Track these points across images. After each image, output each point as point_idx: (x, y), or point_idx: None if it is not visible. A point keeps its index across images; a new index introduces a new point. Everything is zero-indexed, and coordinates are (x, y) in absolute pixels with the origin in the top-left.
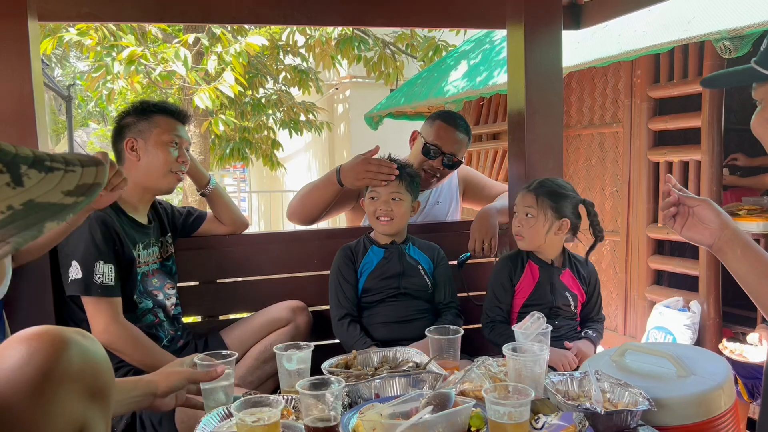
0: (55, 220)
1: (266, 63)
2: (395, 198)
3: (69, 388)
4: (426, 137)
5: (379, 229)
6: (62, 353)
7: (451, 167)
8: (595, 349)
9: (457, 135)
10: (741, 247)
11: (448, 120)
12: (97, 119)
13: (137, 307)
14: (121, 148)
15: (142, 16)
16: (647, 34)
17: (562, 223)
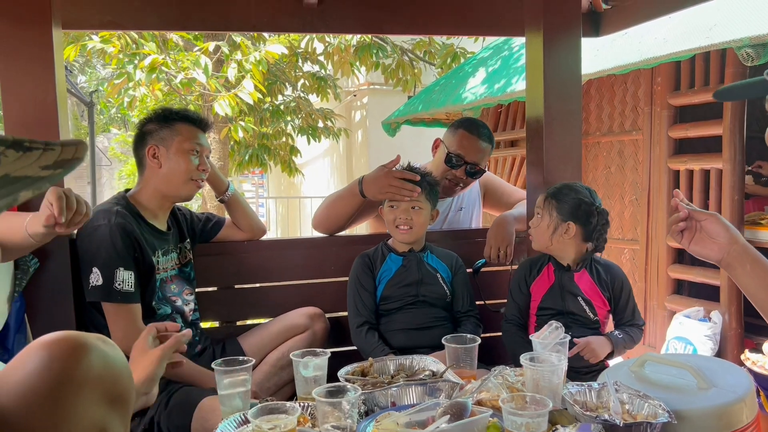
0: (29, 189)
1: (285, 70)
2: (415, 207)
3: (88, 394)
4: (449, 146)
5: (398, 238)
6: (82, 359)
7: (474, 176)
8: (614, 350)
9: (480, 144)
10: (750, 262)
11: (471, 129)
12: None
13: (156, 313)
14: (143, 154)
15: (163, 24)
16: (668, 42)
17: (568, 226)
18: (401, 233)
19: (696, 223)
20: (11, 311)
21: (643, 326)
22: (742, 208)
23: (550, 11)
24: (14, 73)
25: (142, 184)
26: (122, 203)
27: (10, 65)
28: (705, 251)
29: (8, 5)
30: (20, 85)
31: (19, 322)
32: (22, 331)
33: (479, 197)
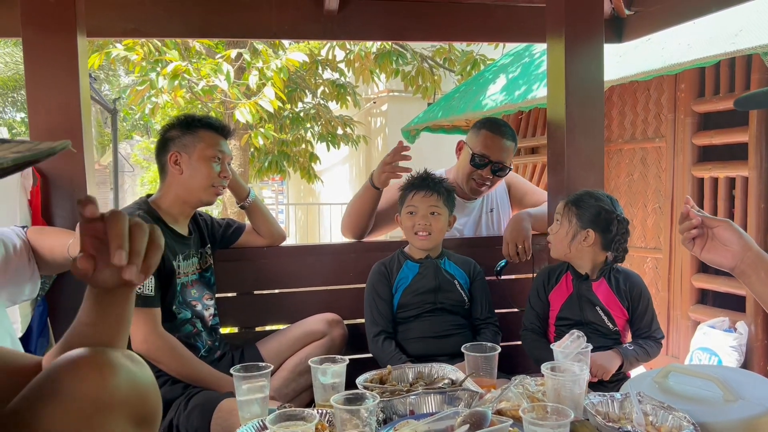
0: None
1: (305, 77)
2: (434, 212)
3: (116, 416)
4: (473, 147)
5: (416, 244)
6: (110, 380)
7: (500, 175)
8: (624, 363)
9: (504, 143)
10: (765, 269)
11: (494, 129)
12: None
13: (176, 317)
14: (165, 160)
15: (185, 31)
16: (692, 47)
17: (587, 233)
18: (420, 239)
19: (708, 230)
20: (34, 315)
21: (662, 339)
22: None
23: (571, 17)
24: (40, 80)
25: (163, 190)
26: (144, 208)
27: (36, 72)
28: (718, 258)
29: (35, 14)
30: (45, 92)
31: (42, 325)
32: (44, 335)
33: (507, 195)
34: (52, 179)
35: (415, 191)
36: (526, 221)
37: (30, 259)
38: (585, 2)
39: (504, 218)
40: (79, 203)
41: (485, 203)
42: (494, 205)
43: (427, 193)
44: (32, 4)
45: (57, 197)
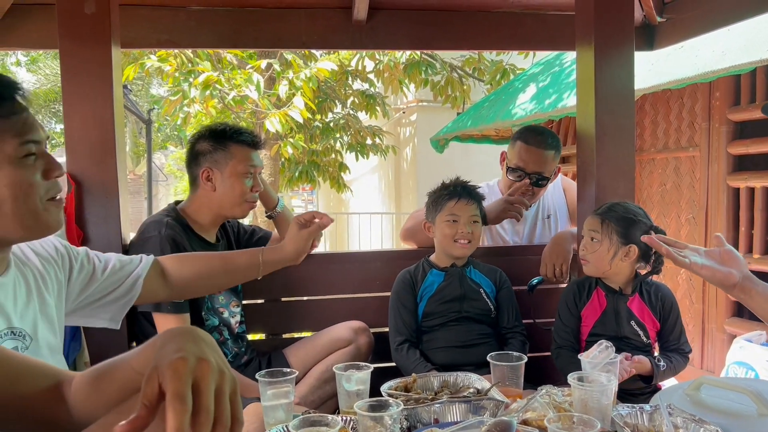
0: None
1: (335, 88)
2: (475, 221)
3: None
4: (509, 160)
5: (456, 252)
6: None
7: (540, 185)
8: (654, 376)
9: (541, 153)
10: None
11: (529, 139)
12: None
13: (204, 324)
14: (197, 174)
15: (217, 42)
16: (726, 54)
17: (629, 249)
18: (461, 247)
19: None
20: None
21: (689, 353)
22: None
23: (601, 25)
24: (76, 89)
25: (194, 201)
26: (173, 215)
27: (72, 83)
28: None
29: (72, 26)
30: (81, 101)
31: (74, 329)
32: (77, 339)
33: (565, 202)
34: (86, 187)
35: (457, 199)
36: (569, 242)
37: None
38: (615, 10)
39: (562, 225)
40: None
41: (541, 210)
42: (551, 212)
43: (470, 201)
44: (69, 17)
45: (91, 204)
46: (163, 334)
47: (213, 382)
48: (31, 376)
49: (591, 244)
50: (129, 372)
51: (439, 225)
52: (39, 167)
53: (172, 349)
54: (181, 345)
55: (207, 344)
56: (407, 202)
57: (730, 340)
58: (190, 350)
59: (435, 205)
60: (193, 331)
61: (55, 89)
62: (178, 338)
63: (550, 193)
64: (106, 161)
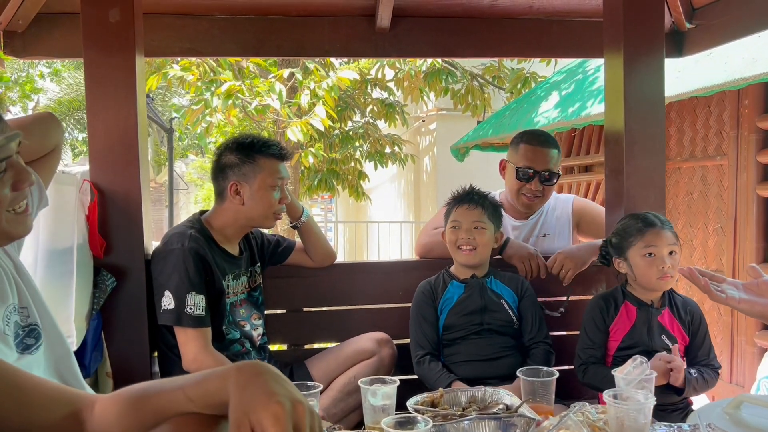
0: None
1: (354, 97)
2: (478, 227)
3: None
4: (516, 163)
5: (460, 260)
6: None
7: (550, 184)
8: (687, 389)
9: (546, 151)
10: None
11: (532, 140)
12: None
13: (225, 337)
14: (224, 187)
15: (240, 50)
16: (757, 61)
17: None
18: (464, 254)
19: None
20: (89, 329)
21: (719, 369)
22: None
23: (630, 31)
24: (100, 98)
25: (220, 213)
26: (197, 226)
27: (96, 90)
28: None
29: (96, 35)
30: (105, 109)
31: (96, 339)
32: (98, 349)
33: (570, 225)
34: (109, 195)
35: (458, 205)
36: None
37: None
38: (645, 16)
39: (559, 247)
40: None
41: (539, 227)
42: (550, 231)
43: (471, 207)
44: (94, 26)
45: (113, 213)
46: (234, 371)
47: (308, 425)
48: (46, 403)
49: (673, 258)
50: (180, 398)
51: (447, 233)
52: (8, 181)
53: (260, 391)
54: (269, 387)
55: (287, 382)
56: (426, 211)
57: (761, 353)
58: (283, 394)
59: (447, 214)
60: (268, 368)
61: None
62: (259, 379)
63: (554, 212)
64: (129, 170)
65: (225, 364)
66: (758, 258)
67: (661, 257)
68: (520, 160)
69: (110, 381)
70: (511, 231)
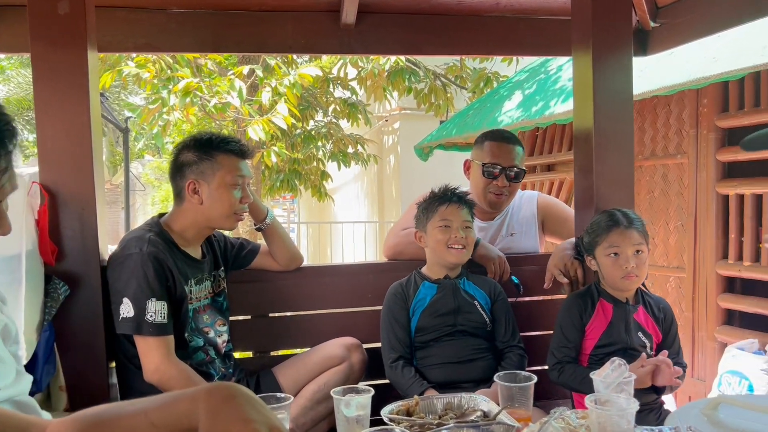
0: None
1: (317, 96)
2: (467, 226)
3: None
4: (481, 160)
5: (450, 259)
6: None
7: (516, 180)
8: (666, 388)
9: (511, 147)
10: None
11: (497, 137)
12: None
13: (188, 345)
14: (182, 187)
15: (198, 46)
16: (718, 61)
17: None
18: (456, 253)
19: None
20: (40, 341)
21: (686, 368)
22: None
23: (599, 29)
24: (49, 95)
25: (179, 214)
26: (155, 229)
27: (45, 87)
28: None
29: (44, 28)
30: (55, 108)
31: (48, 351)
32: (51, 361)
33: (535, 223)
34: (61, 198)
35: (447, 203)
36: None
37: None
38: (613, 14)
39: (526, 247)
40: None
41: (506, 227)
42: (516, 230)
43: (460, 206)
44: (42, 18)
45: (66, 217)
46: (204, 394)
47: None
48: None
49: (639, 257)
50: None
51: (432, 232)
52: None
53: (235, 417)
54: (244, 413)
55: (263, 405)
56: (390, 211)
57: (721, 348)
58: (259, 420)
59: (426, 213)
60: (242, 390)
61: (29, 97)
62: (232, 403)
63: (519, 211)
64: (82, 171)
65: (189, 375)
66: (718, 254)
67: (625, 257)
68: (486, 157)
69: (64, 395)
70: (478, 233)
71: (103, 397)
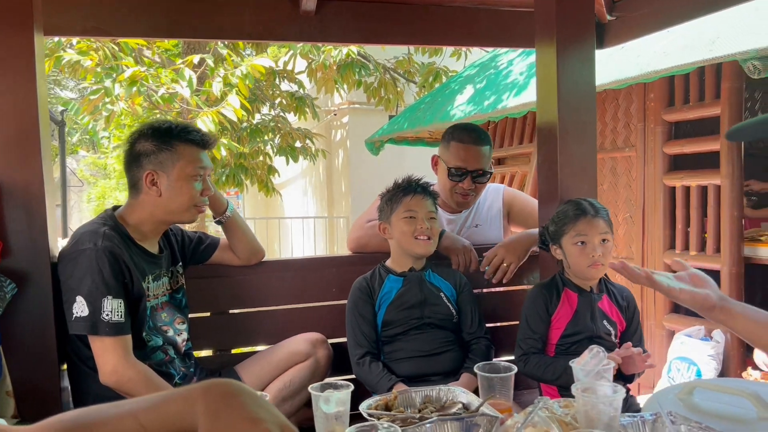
0: None
1: (263, 88)
2: (432, 217)
3: None
4: (447, 162)
5: (417, 250)
6: None
7: (481, 182)
8: (635, 376)
9: (478, 149)
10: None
11: (464, 139)
12: (87, 147)
13: (146, 344)
14: (139, 178)
15: (151, 31)
16: (668, 55)
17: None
18: (423, 244)
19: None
20: None
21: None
22: (741, 224)
23: (563, 21)
24: None
25: (135, 207)
26: (110, 223)
27: None
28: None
29: None
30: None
31: None
32: None
33: (500, 216)
34: (6, 190)
35: (412, 194)
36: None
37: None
38: (576, 6)
39: (491, 238)
40: None
41: (470, 219)
42: (481, 222)
43: (425, 197)
44: None
45: (11, 210)
46: (200, 392)
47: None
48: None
49: (605, 246)
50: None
51: (396, 224)
52: None
53: (240, 417)
54: (251, 412)
55: (267, 403)
56: (340, 206)
57: (669, 335)
58: (269, 419)
59: (390, 204)
60: (242, 387)
61: None
62: (235, 401)
63: (485, 203)
64: (29, 162)
65: (149, 376)
66: (665, 245)
67: (592, 245)
68: (452, 159)
69: (12, 401)
70: (446, 225)
71: (54, 403)
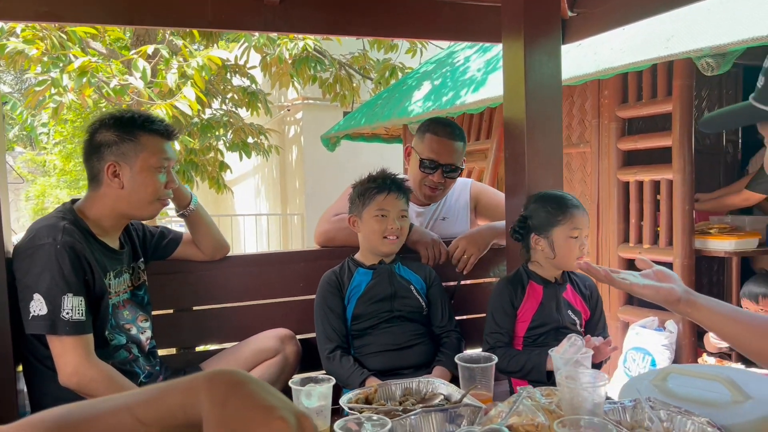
0: None
1: (214, 82)
2: (403, 215)
3: None
4: (420, 153)
5: (385, 249)
6: None
7: (452, 177)
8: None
9: (452, 144)
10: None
11: (439, 132)
12: (24, 143)
13: (109, 343)
14: (99, 170)
15: (109, 18)
16: (625, 52)
17: None
18: (390, 243)
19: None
20: None
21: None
22: (692, 218)
23: (530, 16)
24: None
25: (95, 200)
26: (69, 217)
27: None
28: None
29: None
30: None
31: None
32: None
33: (467, 209)
34: None
35: (387, 193)
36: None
37: None
38: (543, 1)
39: (458, 231)
40: None
41: (438, 211)
42: (448, 215)
43: (399, 196)
44: None
45: None
46: (203, 382)
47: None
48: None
49: (587, 241)
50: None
51: (367, 220)
52: None
53: (250, 405)
54: (262, 400)
55: (277, 391)
56: (294, 203)
57: (624, 327)
58: (282, 407)
59: (362, 199)
60: (247, 375)
61: None
62: (243, 389)
63: (453, 196)
64: None
65: (112, 375)
66: (619, 238)
67: (581, 239)
68: (425, 151)
69: None
70: (415, 217)
71: (10, 406)
